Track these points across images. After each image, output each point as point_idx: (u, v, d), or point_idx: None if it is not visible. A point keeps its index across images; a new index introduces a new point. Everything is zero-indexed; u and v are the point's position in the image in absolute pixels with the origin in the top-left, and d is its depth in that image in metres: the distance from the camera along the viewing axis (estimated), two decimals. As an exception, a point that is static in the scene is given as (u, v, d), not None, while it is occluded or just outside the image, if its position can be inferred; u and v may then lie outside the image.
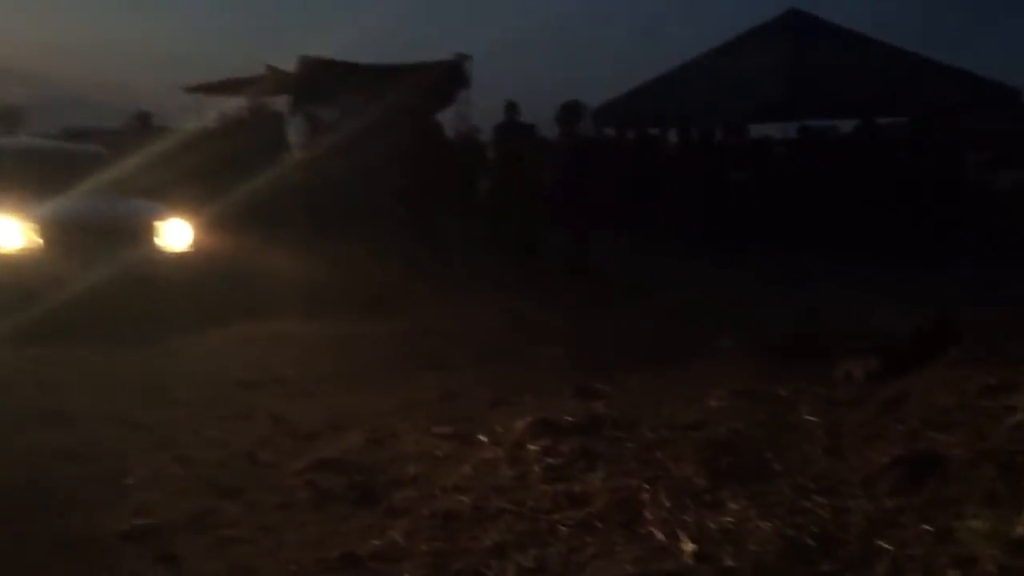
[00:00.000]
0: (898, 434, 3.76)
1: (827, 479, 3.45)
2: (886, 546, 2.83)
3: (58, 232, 7.56)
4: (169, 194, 8.75)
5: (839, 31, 14.27)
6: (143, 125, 13.89)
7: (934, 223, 10.68)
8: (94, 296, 7.05)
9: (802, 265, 9.46)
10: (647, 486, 3.46)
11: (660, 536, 3.07)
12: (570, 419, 4.36)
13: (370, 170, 12.33)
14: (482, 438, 4.33)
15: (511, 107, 11.86)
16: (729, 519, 3.14)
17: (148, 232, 7.92)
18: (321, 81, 14.97)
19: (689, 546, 2.97)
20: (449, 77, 16.54)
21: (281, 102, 17.34)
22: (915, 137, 12.30)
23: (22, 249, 7.46)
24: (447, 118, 16.09)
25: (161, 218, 8.05)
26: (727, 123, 13.50)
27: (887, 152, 12.25)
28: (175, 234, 7.99)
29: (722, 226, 11.90)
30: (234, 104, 19.13)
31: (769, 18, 14.97)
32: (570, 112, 11.13)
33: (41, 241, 7.51)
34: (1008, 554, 2.58)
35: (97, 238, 7.69)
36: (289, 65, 16.53)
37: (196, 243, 8.07)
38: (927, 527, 2.92)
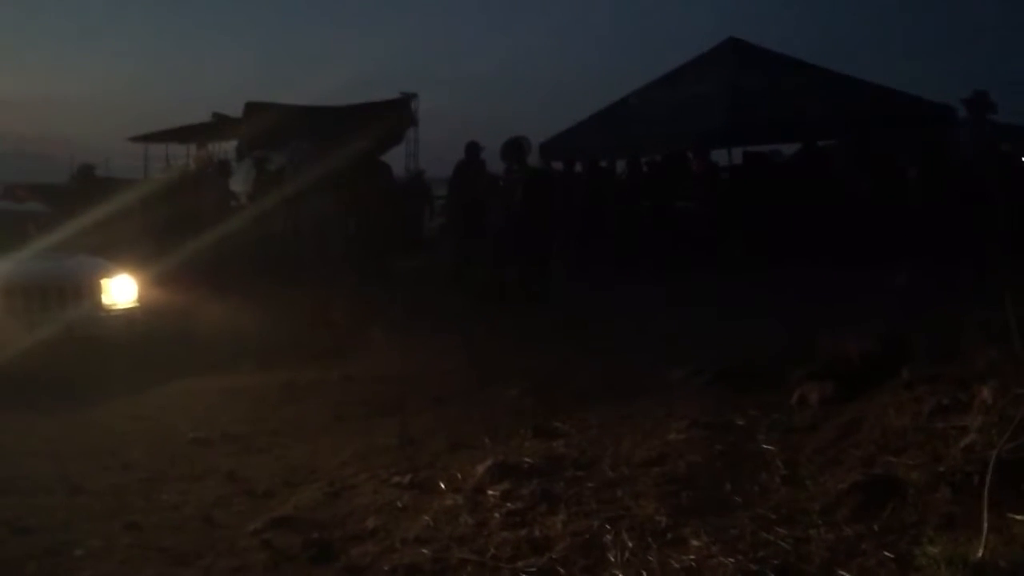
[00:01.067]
0: (855, 459, 3.78)
1: (787, 509, 3.44)
2: (848, 576, 2.82)
3: (1, 294, 7.39)
4: (115, 249, 8.62)
5: (777, 57, 14.55)
6: (86, 178, 13.68)
7: (879, 239, 10.81)
8: (40, 358, 6.89)
9: (752, 289, 9.54)
10: (609, 527, 3.43)
11: (623, 579, 3.03)
12: (529, 461, 4.32)
13: (319, 216, 12.28)
14: (441, 485, 4.27)
15: (472, 147, 11.85)
16: (692, 557, 3.11)
17: (93, 290, 7.77)
18: (268, 127, 14.91)
19: (653, 587, 2.93)
20: (397, 116, 16.59)
21: (229, 150, 17.29)
22: (854, 157, 12.49)
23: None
24: (395, 156, 16.14)
25: (106, 275, 7.91)
26: (694, 149, 13.62)
27: (829, 173, 12.45)
28: (121, 290, 7.86)
29: (671, 254, 12.02)
30: (181, 153, 19.05)
31: (709, 47, 15.25)
32: (516, 148, 11.19)
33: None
34: (968, 579, 2.58)
35: (41, 298, 7.54)
36: (236, 112, 16.48)
37: (143, 299, 7.93)
38: (888, 554, 2.91)
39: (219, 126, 17.59)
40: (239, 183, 14.12)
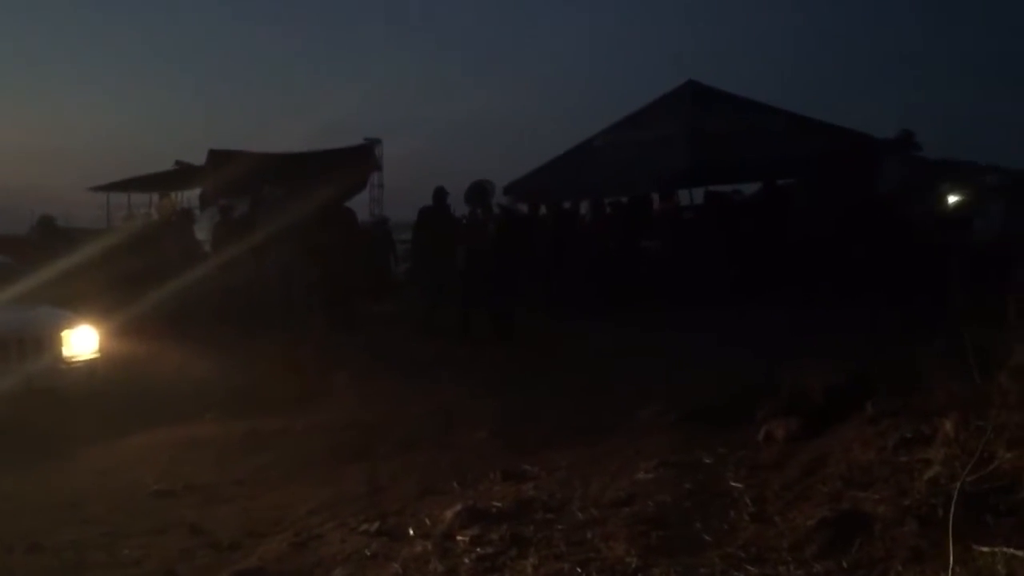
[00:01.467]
0: (822, 495, 3.80)
1: (756, 546, 3.44)
2: (818, 613, 2.82)
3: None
4: (77, 300, 8.50)
5: (734, 99, 14.84)
6: (47, 229, 13.53)
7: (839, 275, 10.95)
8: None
9: (715, 325, 9.61)
10: (579, 569, 3.41)
11: (594, 622, 3.01)
12: (499, 505, 4.30)
13: (285, 263, 12.23)
14: (410, 532, 4.22)
15: (440, 193, 11.92)
16: (663, 597, 3.10)
17: (54, 341, 7.63)
18: (232, 174, 14.86)
19: (624, 630, 2.91)
20: (360, 162, 16.62)
21: (192, 197, 17.22)
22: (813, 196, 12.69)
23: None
24: (360, 201, 16.15)
25: (67, 326, 7.77)
26: (658, 190, 13.81)
27: (788, 210, 12.63)
28: (82, 342, 7.72)
29: (636, 292, 12.11)
30: (143, 202, 18.94)
31: (668, 90, 15.53)
32: (480, 191, 11.28)
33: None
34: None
35: (1, 350, 7.40)
36: (199, 159, 16.44)
37: (105, 349, 7.81)
38: (857, 590, 2.92)
39: (182, 174, 17.52)
40: (203, 231, 14.04)
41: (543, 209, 14.85)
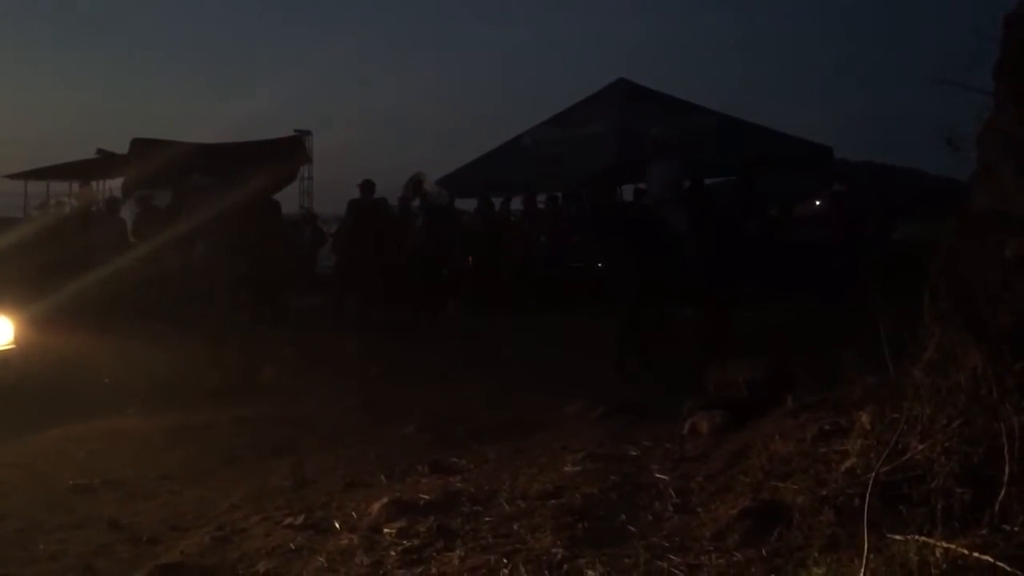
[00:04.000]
0: (744, 485, 3.87)
1: (679, 536, 3.50)
2: (738, 600, 2.88)
3: None
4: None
5: (664, 98, 15.02)
6: (-41, 217, 13.11)
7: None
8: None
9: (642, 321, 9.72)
10: (506, 561, 3.42)
11: (520, 613, 3.03)
12: (426, 497, 4.29)
13: (209, 254, 12.02)
14: (336, 525, 4.19)
15: (367, 186, 11.91)
16: (588, 588, 3.13)
17: (-35, 332, 7.38)
18: (156, 164, 14.53)
19: (549, 620, 2.93)
20: (291, 154, 16.41)
21: (115, 187, 16.79)
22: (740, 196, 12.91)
23: None
24: (289, 193, 15.95)
25: (-21, 316, 7.53)
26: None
27: (713, 211, 12.80)
28: (-4, 332, 7.49)
29: (565, 288, 12.20)
30: (63, 190, 18.42)
31: (599, 87, 15.65)
32: (416, 184, 11.34)
33: None
34: (851, 598, 2.66)
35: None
36: (122, 148, 16.03)
37: (21, 340, 7.57)
38: (775, 577, 3.00)
39: (104, 163, 17.09)
40: (126, 220, 13.71)
41: (475, 203, 14.88)
